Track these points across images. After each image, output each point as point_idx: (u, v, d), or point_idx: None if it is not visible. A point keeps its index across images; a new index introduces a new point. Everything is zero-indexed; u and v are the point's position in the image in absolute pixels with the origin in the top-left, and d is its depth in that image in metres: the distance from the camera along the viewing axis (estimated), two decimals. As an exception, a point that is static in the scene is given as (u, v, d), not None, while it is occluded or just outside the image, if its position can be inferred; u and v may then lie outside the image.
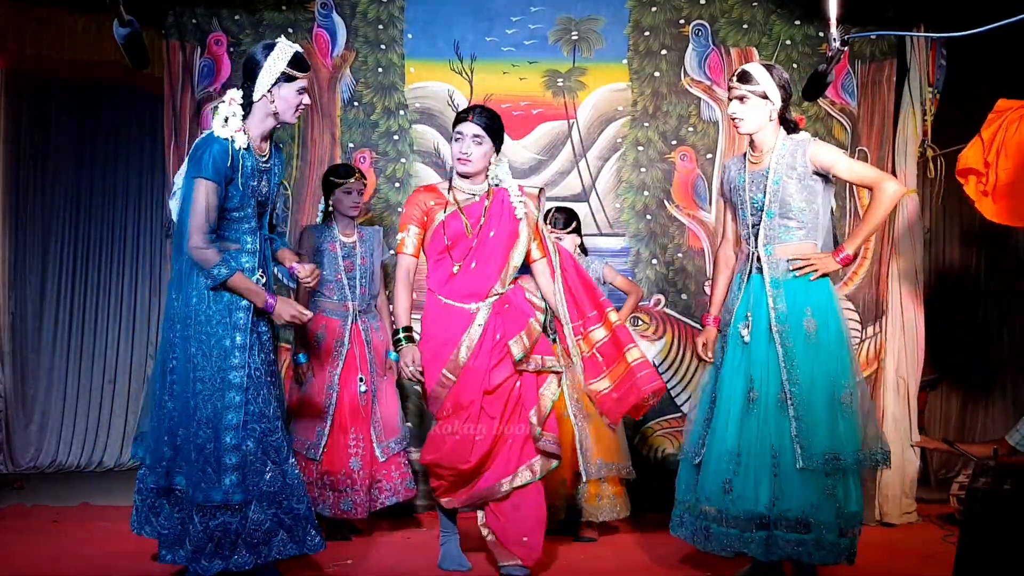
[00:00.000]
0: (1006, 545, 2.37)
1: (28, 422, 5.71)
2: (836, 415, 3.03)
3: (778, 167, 3.14)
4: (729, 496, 3.02)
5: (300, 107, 3.10)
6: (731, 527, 3.01)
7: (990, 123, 4.01)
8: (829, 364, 3.07)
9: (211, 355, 2.97)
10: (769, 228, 3.15)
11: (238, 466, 2.94)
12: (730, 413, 3.11)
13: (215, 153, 2.92)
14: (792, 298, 3.11)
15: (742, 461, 3.04)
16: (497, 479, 3.26)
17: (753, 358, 3.12)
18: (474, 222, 3.31)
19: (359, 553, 3.71)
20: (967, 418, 5.75)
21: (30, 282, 5.79)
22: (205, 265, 2.95)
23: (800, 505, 2.97)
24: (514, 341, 3.26)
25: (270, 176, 3.15)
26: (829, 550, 2.96)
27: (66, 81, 5.64)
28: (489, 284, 3.30)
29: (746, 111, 3.15)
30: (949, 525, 4.19)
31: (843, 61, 4.55)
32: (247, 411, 2.98)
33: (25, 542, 3.79)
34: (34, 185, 5.81)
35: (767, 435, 3.03)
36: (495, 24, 4.66)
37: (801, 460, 2.97)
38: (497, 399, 3.28)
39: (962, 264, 5.82)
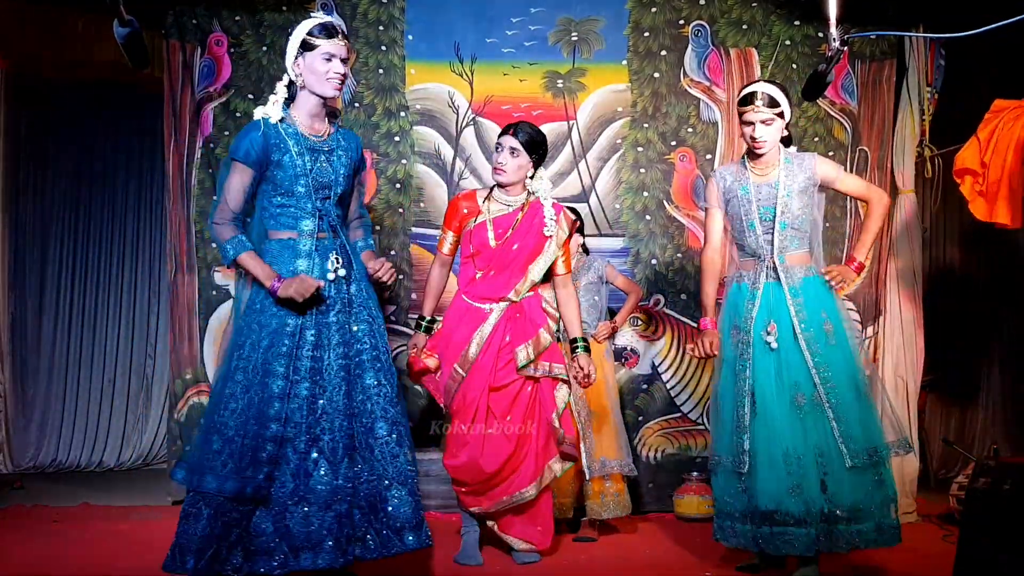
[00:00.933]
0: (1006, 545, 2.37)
1: (28, 422, 5.71)
2: (865, 408, 3.21)
3: (787, 180, 3.28)
4: (800, 497, 3.12)
5: (333, 77, 2.91)
6: (809, 527, 3.11)
7: (987, 123, 4.02)
8: (848, 361, 3.23)
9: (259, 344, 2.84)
10: (782, 238, 3.28)
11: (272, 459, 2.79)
12: (775, 417, 3.19)
13: (248, 135, 2.88)
14: (810, 304, 3.24)
15: (804, 463, 3.15)
16: (521, 487, 3.43)
17: (789, 363, 3.22)
18: (500, 233, 3.48)
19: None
20: (966, 418, 5.75)
21: (30, 282, 5.79)
22: (217, 241, 2.89)
23: (854, 496, 3.13)
24: (521, 348, 3.44)
25: (331, 157, 2.99)
26: (890, 533, 3.18)
27: (66, 81, 5.63)
28: (505, 290, 3.48)
29: (770, 133, 3.27)
30: (949, 525, 4.19)
31: (843, 61, 4.56)
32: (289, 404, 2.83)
33: (25, 542, 3.78)
34: (34, 185, 5.80)
35: (812, 436, 3.17)
36: (495, 25, 4.66)
37: (849, 459, 3.13)
38: (503, 398, 3.43)
39: (961, 264, 5.82)
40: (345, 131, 3.13)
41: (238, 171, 2.88)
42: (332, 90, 2.94)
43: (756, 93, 3.23)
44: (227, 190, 2.88)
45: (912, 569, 3.51)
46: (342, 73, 2.94)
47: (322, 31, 2.90)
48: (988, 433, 5.59)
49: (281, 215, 2.93)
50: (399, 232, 4.63)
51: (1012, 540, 2.36)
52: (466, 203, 3.56)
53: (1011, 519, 2.37)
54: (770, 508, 3.14)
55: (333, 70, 2.91)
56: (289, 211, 2.92)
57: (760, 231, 3.30)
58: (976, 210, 4.05)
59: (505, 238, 3.47)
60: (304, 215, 2.92)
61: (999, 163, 3.90)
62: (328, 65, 2.90)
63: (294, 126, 2.93)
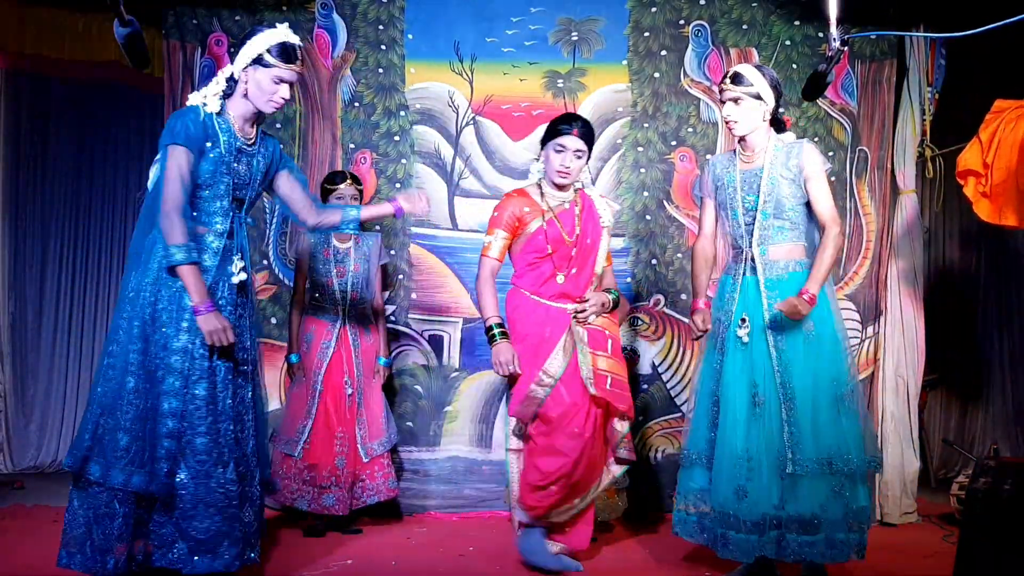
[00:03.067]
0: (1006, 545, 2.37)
1: (28, 422, 5.70)
2: (839, 413, 3.07)
3: (772, 168, 3.17)
4: (745, 501, 3.02)
5: (275, 99, 2.89)
6: (750, 532, 3.01)
7: (988, 124, 4.01)
8: (829, 362, 3.10)
9: (155, 334, 2.79)
10: (764, 229, 3.18)
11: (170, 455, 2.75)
12: (737, 417, 3.11)
13: (188, 119, 2.81)
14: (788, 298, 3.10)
15: (753, 466, 3.05)
16: (581, 494, 3.35)
17: (754, 361, 3.13)
18: (570, 230, 3.42)
19: (359, 553, 3.71)
20: (967, 418, 5.76)
21: (30, 282, 5.79)
22: (168, 237, 2.76)
23: (809, 506, 3.00)
24: (601, 357, 3.35)
25: (252, 161, 2.96)
26: (840, 548, 3.00)
27: (66, 81, 5.63)
28: (583, 288, 3.42)
29: (741, 113, 3.18)
30: (949, 525, 4.20)
31: (843, 61, 4.56)
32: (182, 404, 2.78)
33: (25, 542, 3.78)
34: (34, 185, 5.80)
35: (772, 438, 3.05)
36: (495, 25, 4.66)
37: (791, 465, 3.00)
38: (599, 402, 3.34)
39: (961, 264, 5.83)
40: (268, 138, 3.09)
41: (180, 155, 2.78)
42: (271, 109, 2.93)
43: (729, 72, 3.20)
44: (171, 177, 2.76)
45: (912, 569, 3.51)
46: (286, 99, 2.93)
47: (281, 53, 2.87)
48: (988, 433, 5.60)
49: (197, 208, 2.86)
50: (399, 232, 4.63)
51: (1012, 540, 2.36)
52: (523, 201, 3.43)
53: (1011, 519, 2.37)
54: (718, 509, 3.09)
55: (280, 94, 2.90)
56: (204, 206, 2.88)
57: (743, 220, 3.22)
58: (981, 211, 4.05)
59: (576, 234, 3.42)
60: (218, 213, 2.89)
61: (1003, 164, 3.89)
62: (276, 88, 2.89)
63: (228, 123, 2.89)
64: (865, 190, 4.57)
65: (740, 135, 3.22)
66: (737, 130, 3.20)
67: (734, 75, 3.18)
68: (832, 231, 3.12)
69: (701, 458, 3.24)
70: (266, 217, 4.63)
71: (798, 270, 3.17)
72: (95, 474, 2.74)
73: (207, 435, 2.80)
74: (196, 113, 2.83)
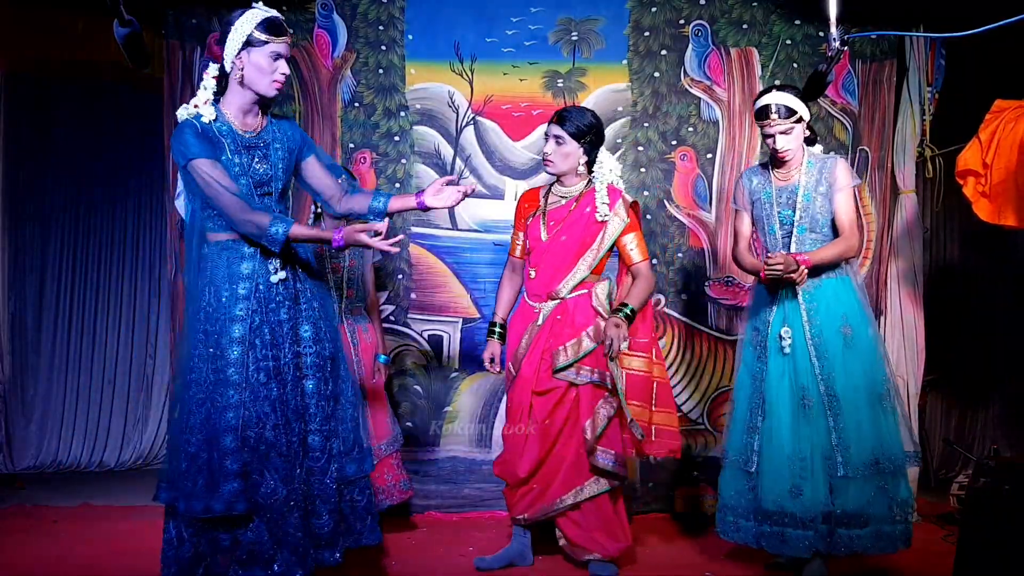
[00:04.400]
0: (1006, 545, 2.37)
1: (28, 422, 5.71)
2: (879, 413, 3.21)
3: (807, 184, 3.29)
4: (800, 500, 3.14)
5: (277, 77, 2.77)
6: (807, 529, 3.13)
7: (988, 124, 4.01)
8: (867, 364, 3.24)
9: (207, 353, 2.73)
10: (800, 243, 3.30)
11: (239, 473, 2.67)
12: (782, 420, 3.21)
13: (187, 134, 2.71)
14: (826, 307, 3.24)
15: (806, 466, 3.16)
16: (557, 496, 3.33)
17: (799, 367, 3.23)
18: (552, 226, 3.41)
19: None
20: (967, 418, 5.75)
21: (30, 282, 5.79)
22: (259, 231, 2.66)
23: (857, 503, 3.14)
24: (560, 349, 3.31)
25: (268, 152, 2.85)
26: (887, 540, 3.18)
27: (66, 81, 5.63)
28: (552, 286, 3.39)
29: (792, 142, 3.28)
30: (949, 525, 4.19)
31: (843, 61, 4.56)
32: (247, 413, 2.70)
33: (25, 542, 3.78)
34: (34, 185, 5.80)
35: (820, 440, 3.18)
36: (495, 25, 4.66)
37: (843, 469, 3.14)
38: (546, 402, 3.32)
39: (961, 264, 5.82)
40: (280, 121, 2.95)
41: (205, 166, 2.68)
42: (274, 90, 2.80)
43: (770, 107, 3.23)
44: (215, 188, 2.67)
45: (912, 569, 3.51)
46: (287, 74, 2.82)
47: (270, 27, 2.75)
48: (988, 433, 5.59)
49: (214, 218, 2.78)
50: (399, 232, 4.62)
51: (1012, 540, 2.36)
52: (528, 200, 3.53)
53: (1011, 519, 2.37)
54: (772, 508, 3.18)
55: (280, 70, 2.78)
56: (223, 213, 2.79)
57: (780, 234, 3.32)
58: (980, 211, 4.05)
59: (555, 231, 3.39)
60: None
61: (1002, 164, 3.89)
62: (274, 64, 2.77)
63: (228, 124, 2.79)
64: (865, 190, 4.57)
65: (788, 160, 3.30)
66: (788, 157, 3.30)
67: (785, 110, 3.23)
68: (847, 237, 3.26)
69: (737, 462, 3.32)
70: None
71: (833, 277, 3.29)
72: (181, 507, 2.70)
73: (284, 436, 2.74)
74: (192, 126, 2.74)
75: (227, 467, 2.67)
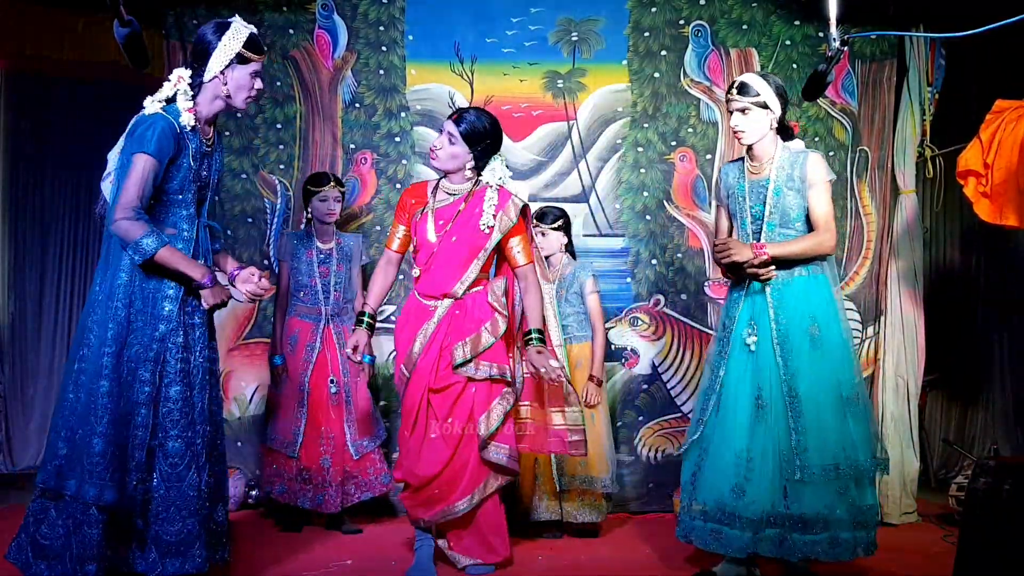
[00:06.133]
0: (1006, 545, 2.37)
1: (28, 422, 5.70)
2: (846, 415, 3.09)
3: (778, 178, 3.18)
4: (742, 500, 3.04)
5: (253, 92, 2.92)
6: (744, 529, 3.03)
7: (988, 124, 4.01)
8: (835, 365, 3.11)
9: (128, 342, 2.74)
10: (770, 238, 3.19)
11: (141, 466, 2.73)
12: (738, 418, 3.13)
13: (161, 130, 2.76)
14: (794, 305, 3.14)
15: (754, 466, 3.06)
16: (462, 496, 3.27)
17: (760, 365, 3.15)
18: (441, 226, 3.33)
19: (359, 553, 3.71)
20: (967, 418, 5.75)
21: (30, 282, 5.78)
22: (129, 237, 2.69)
23: (814, 507, 3.02)
24: (458, 345, 3.28)
25: (212, 162, 2.98)
26: (844, 546, 3.03)
27: (66, 81, 5.63)
28: (447, 286, 3.32)
29: (748, 123, 3.17)
30: (949, 525, 4.20)
31: (843, 61, 4.56)
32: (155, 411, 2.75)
33: (25, 542, 3.77)
34: (34, 185, 5.79)
35: (778, 441, 3.07)
36: (495, 25, 4.66)
37: (799, 472, 3.01)
38: (445, 399, 3.28)
39: (961, 264, 5.82)
40: (219, 136, 3.07)
41: (146, 163, 2.73)
42: (246, 104, 2.96)
43: (736, 83, 3.20)
44: (136, 184, 2.72)
45: (912, 569, 3.51)
46: (261, 88, 2.96)
47: (255, 46, 2.88)
48: (988, 433, 5.59)
49: (164, 213, 2.85)
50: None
51: (1012, 540, 2.36)
52: (414, 194, 3.44)
53: (1011, 519, 2.37)
54: (711, 505, 3.10)
55: (256, 86, 2.93)
56: (174, 211, 2.87)
57: (750, 230, 3.23)
58: (981, 211, 4.05)
59: (445, 231, 3.32)
60: (184, 219, 2.87)
61: (1003, 164, 3.88)
62: (253, 81, 2.91)
63: (197, 131, 2.88)
64: (865, 190, 4.58)
65: (747, 144, 3.23)
66: (745, 140, 3.21)
67: (740, 85, 3.17)
68: (822, 233, 3.14)
69: (693, 456, 3.26)
70: (267, 217, 4.64)
71: (804, 274, 3.18)
72: (71, 489, 2.72)
73: (180, 439, 2.78)
74: (168, 124, 2.78)
75: (130, 463, 2.73)
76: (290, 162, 4.61)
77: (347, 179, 4.59)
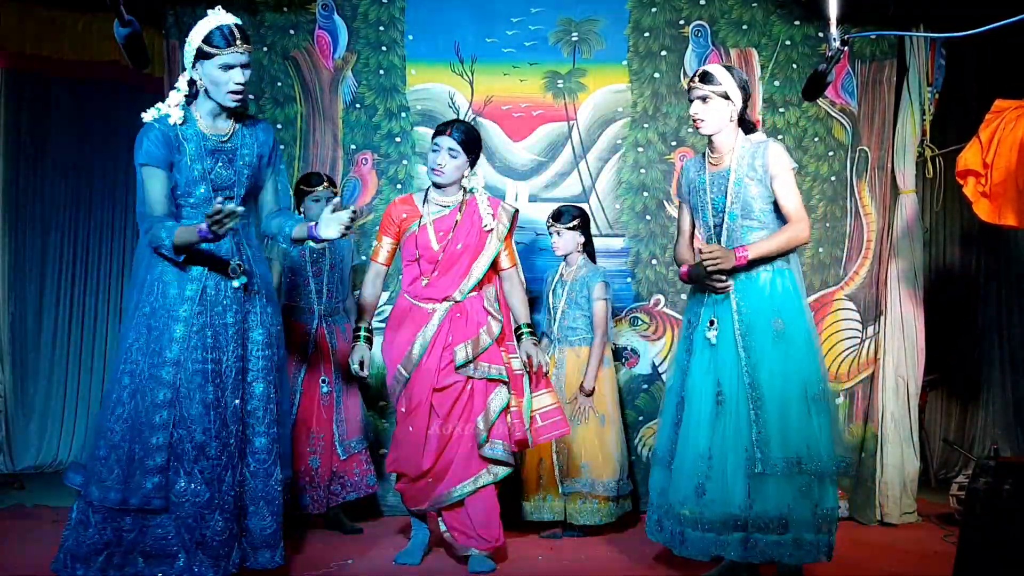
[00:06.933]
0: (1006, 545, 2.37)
1: (28, 422, 5.71)
2: (810, 412, 3.04)
3: (739, 169, 3.16)
4: (703, 499, 3.03)
5: (231, 88, 2.80)
6: (707, 531, 3.01)
7: (988, 124, 4.01)
8: (800, 362, 3.07)
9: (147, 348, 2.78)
10: (732, 230, 3.17)
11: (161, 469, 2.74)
12: (700, 416, 3.12)
13: (148, 138, 2.79)
14: (757, 298, 3.11)
15: (714, 464, 3.04)
16: (449, 488, 3.41)
17: (720, 360, 3.12)
18: (442, 236, 3.47)
19: (359, 553, 3.71)
20: (967, 418, 5.76)
21: (30, 282, 5.79)
22: (159, 247, 2.73)
23: (776, 506, 2.97)
24: (460, 347, 3.41)
25: (234, 156, 2.91)
26: (807, 549, 2.98)
27: (66, 81, 5.64)
28: (449, 290, 3.47)
29: (708, 111, 3.17)
30: (949, 525, 4.20)
31: (843, 61, 4.56)
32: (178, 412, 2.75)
33: (25, 542, 3.78)
34: (34, 185, 5.81)
35: (739, 438, 3.03)
36: (495, 26, 4.66)
37: (760, 465, 2.99)
38: (446, 398, 3.42)
39: (961, 264, 5.83)
40: (254, 126, 2.99)
41: (149, 175, 2.78)
42: (232, 102, 2.83)
43: (697, 71, 3.22)
44: (145, 198, 2.77)
45: (912, 569, 3.51)
46: (242, 83, 2.81)
47: (219, 38, 2.77)
48: (988, 433, 5.59)
49: (182, 219, 2.84)
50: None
51: (1012, 540, 2.36)
52: (404, 207, 3.54)
53: (1011, 519, 2.37)
54: (677, 507, 3.09)
55: (233, 80, 2.80)
56: (194, 212, 2.85)
57: (712, 222, 3.22)
58: (980, 211, 4.05)
59: (448, 239, 3.46)
60: (201, 220, 2.78)
61: (1003, 164, 3.89)
62: (227, 75, 2.79)
63: (195, 126, 2.84)
64: (865, 190, 4.57)
65: (706, 134, 3.22)
66: (703, 129, 3.20)
67: (703, 74, 3.18)
68: (796, 223, 3.11)
69: (664, 457, 3.24)
70: (266, 218, 4.64)
71: (769, 270, 3.14)
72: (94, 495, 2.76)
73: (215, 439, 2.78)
74: (155, 130, 2.80)
75: (148, 463, 2.72)
76: (290, 163, 4.61)
77: (348, 180, 4.60)
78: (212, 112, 2.88)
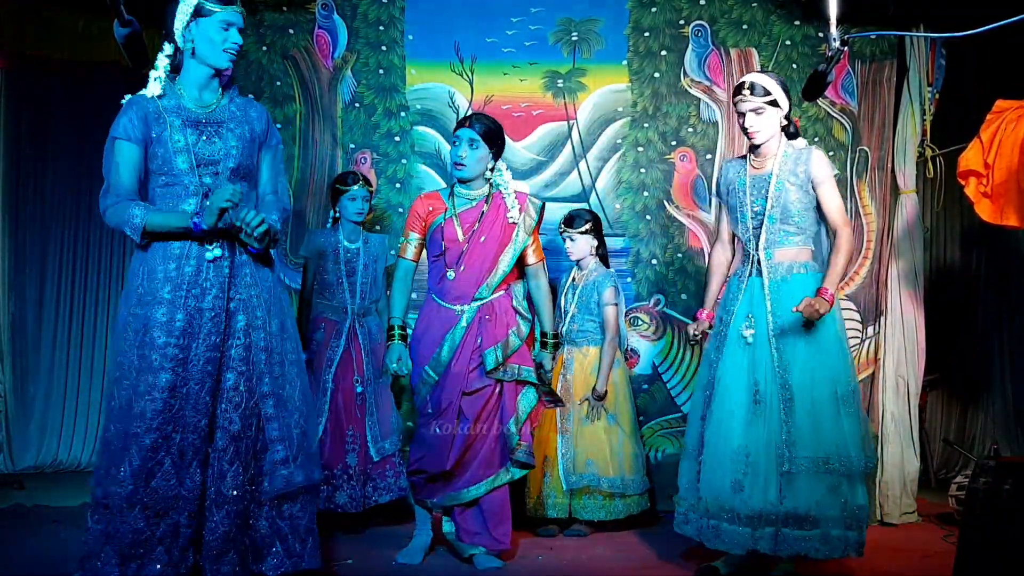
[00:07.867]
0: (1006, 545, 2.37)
1: (28, 422, 5.71)
2: (840, 413, 3.11)
3: (781, 173, 3.21)
4: (740, 495, 3.07)
5: (227, 46, 2.75)
6: (743, 525, 3.06)
7: (989, 124, 4.01)
8: (831, 363, 3.14)
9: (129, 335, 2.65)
10: (770, 233, 3.22)
11: None
12: (734, 413, 3.15)
13: (126, 111, 2.72)
14: (791, 301, 3.14)
15: (751, 460, 3.09)
16: (468, 486, 3.42)
17: (757, 359, 3.17)
18: (468, 228, 3.46)
19: (360, 552, 3.71)
20: (967, 418, 5.75)
21: (30, 282, 5.79)
22: (122, 222, 2.61)
23: (806, 502, 3.04)
24: (489, 351, 3.41)
25: (220, 130, 2.79)
26: (834, 544, 3.04)
27: (66, 80, 5.63)
28: (475, 288, 3.44)
29: (761, 122, 3.20)
30: (949, 525, 4.19)
31: (843, 61, 4.55)
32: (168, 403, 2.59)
33: (25, 542, 3.78)
34: (34, 185, 5.80)
35: (773, 435, 3.09)
36: (495, 25, 4.66)
37: (787, 464, 3.04)
38: (475, 402, 3.41)
39: (961, 264, 5.82)
40: (245, 100, 2.93)
41: (121, 148, 2.70)
42: (227, 61, 2.78)
43: (745, 83, 3.21)
44: (112, 171, 2.68)
45: (912, 569, 3.51)
46: (239, 43, 2.79)
47: None
48: (988, 433, 5.59)
49: (165, 195, 2.73)
50: (399, 231, 4.63)
51: (1012, 540, 2.36)
52: (430, 202, 3.53)
53: (1011, 519, 2.37)
54: (711, 501, 3.13)
55: (231, 40, 2.77)
56: (172, 190, 2.73)
57: (751, 224, 3.26)
58: (982, 211, 4.05)
59: (473, 231, 3.44)
60: (187, 194, 2.73)
61: (1004, 164, 3.88)
62: (225, 34, 2.75)
63: (177, 99, 2.77)
64: (865, 190, 4.57)
65: (759, 143, 3.25)
66: (758, 139, 3.23)
67: (751, 85, 3.19)
68: (844, 234, 3.19)
69: (692, 452, 3.28)
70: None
71: (802, 272, 3.22)
72: None
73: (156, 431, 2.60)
74: (133, 103, 2.75)
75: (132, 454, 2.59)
76: (290, 162, 4.61)
77: (347, 179, 4.60)
78: (198, 83, 2.80)
